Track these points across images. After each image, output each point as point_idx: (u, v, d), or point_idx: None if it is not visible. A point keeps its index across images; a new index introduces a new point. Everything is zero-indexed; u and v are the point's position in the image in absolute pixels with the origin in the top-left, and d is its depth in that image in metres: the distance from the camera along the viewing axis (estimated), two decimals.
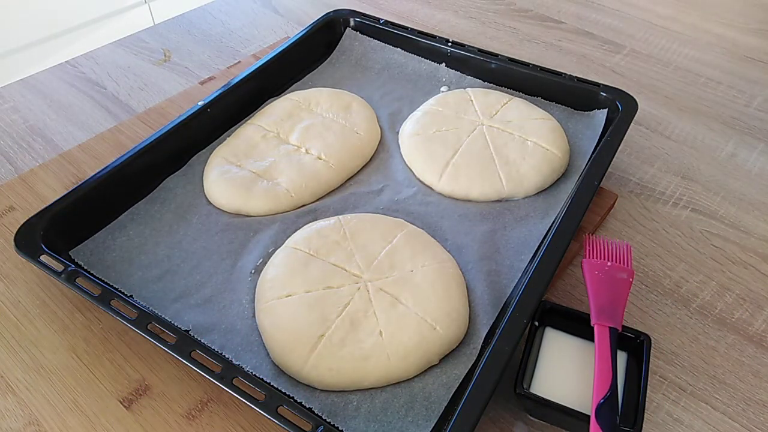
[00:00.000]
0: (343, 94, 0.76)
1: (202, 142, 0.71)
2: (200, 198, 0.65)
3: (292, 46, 0.80)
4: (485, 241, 0.59)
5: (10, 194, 0.68)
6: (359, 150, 0.69)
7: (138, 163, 0.64)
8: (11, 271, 0.61)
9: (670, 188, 0.70)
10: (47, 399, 0.51)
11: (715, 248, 0.64)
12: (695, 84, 0.85)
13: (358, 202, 0.65)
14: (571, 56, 0.91)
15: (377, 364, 0.49)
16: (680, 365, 0.54)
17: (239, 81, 0.74)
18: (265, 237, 0.61)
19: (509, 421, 0.50)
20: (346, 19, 0.84)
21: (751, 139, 0.76)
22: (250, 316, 0.55)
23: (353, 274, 0.55)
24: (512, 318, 0.48)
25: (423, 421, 0.47)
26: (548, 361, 0.51)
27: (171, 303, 0.55)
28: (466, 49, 0.77)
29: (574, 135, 0.70)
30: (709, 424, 0.50)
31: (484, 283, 0.56)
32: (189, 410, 0.50)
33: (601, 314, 0.50)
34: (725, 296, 0.59)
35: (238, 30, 0.98)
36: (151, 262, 0.59)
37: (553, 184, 0.66)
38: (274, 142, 0.69)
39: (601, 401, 0.45)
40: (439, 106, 0.73)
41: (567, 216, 0.56)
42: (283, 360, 0.50)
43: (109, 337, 0.55)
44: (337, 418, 0.47)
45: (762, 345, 0.55)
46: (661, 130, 0.78)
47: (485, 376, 0.45)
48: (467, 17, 1.00)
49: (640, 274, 0.61)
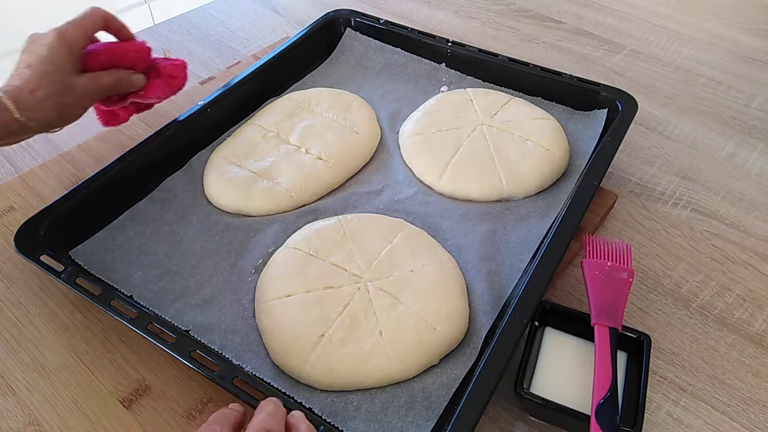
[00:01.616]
0: (343, 94, 0.76)
1: (202, 142, 0.71)
2: (200, 198, 0.65)
3: (292, 46, 0.80)
4: (485, 241, 0.59)
5: (10, 194, 0.68)
6: (359, 150, 0.69)
7: (138, 163, 0.64)
8: (11, 271, 0.61)
9: (670, 188, 0.70)
10: (47, 399, 0.51)
11: (715, 248, 0.64)
12: (695, 84, 0.85)
13: (358, 202, 0.65)
14: (571, 56, 0.91)
15: (377, 364, 0.49)
16: (680, 365, 0.54)
17: (239, 81, 0.74)
18: (265, 237, 0.61)
19: (509, 421, 0.50)
20: (346, 19, 0.84)
21: (751, 139, 0.76)
22: (250, 316, 0.55)
23: (353, 274, 0.55)
24: (512, 318, 0.48)
25: (423, 421, 0.47)
26: (548, 361, 0.51)
27: (171, 303, 0.55)
28: (466, 49, 0.77)
29: (574, 135, 0.70)
30: (709, 424, 0.50)
31: (484, 283, 0.56)
32: (189, 410, 0.50)
33: (601, 314, 0.50)
34: (725, 296, 0.59)
35: (238, 30, 0.98)
36: (151, 262, 0.59)
37: (553, 184, 0.66)
38: (274, 142, 0.69)
39: (601, 401, 0.45)
40: (439, 106, 0.73)
41: (567, 216, 0.56)
42: (283, 360, 0.50)
43: (109, 337, 0.55)
44: (337, 418, 0.47)
45: (762, 345, 0.55)
46: (661, 130, 0.78)
47: (485, 376, 0.45)
48: (467, 17, 1.00)
49: (640, 274, 0.61)
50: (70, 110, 0.61)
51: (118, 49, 0.64)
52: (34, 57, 0.58)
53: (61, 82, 0.59)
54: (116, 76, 0.63)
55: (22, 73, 0.58)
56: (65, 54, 0.59)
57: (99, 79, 0.62)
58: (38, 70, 0.58)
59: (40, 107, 0.58)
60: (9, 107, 0.57)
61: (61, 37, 0.59)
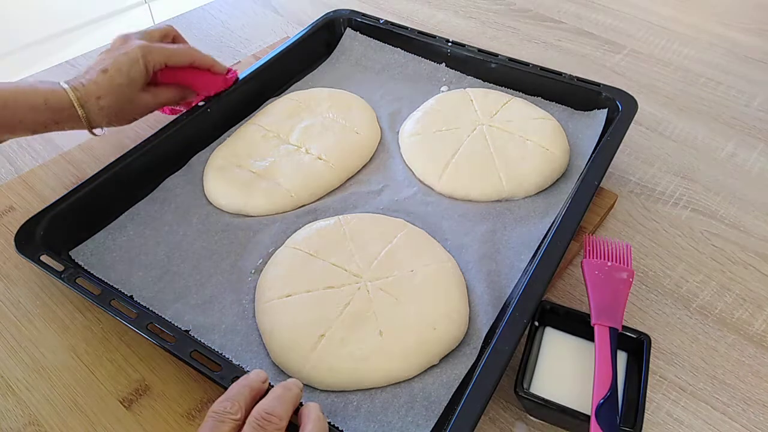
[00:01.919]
0: (343, 94, 0.76)
1: (202, 142, 0.71)
2: (200, 198, 0.65)
3: (292, 46, 0.80)
4: (485, 241, 0.59)
5: (10, 194, 0.68)
6: (359, 150, 0.69)
7: (138, 163, 0.64)
8: (11, 271, 0.61)
9: (670, 188, 0.70)
10: (47, 399, 0.51)
11: (715, 248, 0.64)
12: (695, 84, 0.85)
13: (358, 202, 0.65)
14: (571, 56, 0.91)
15: (377, 364, 0.49)
16: (680, 365, 0.54)
17: (239, 81, 0.74)
18: (265, 237, 0.61)
19: (509, 421, 0.50)
20: (346, 19, 0.84)
21: (751, 139, 0.76)
22: (250, 316, 0.55)
23: (353, 274, 0.55)
24: (512, 318, 0.48)
25: (423, 421, 0.47)
26: (548, 361, 0.51)
27: (171, 303, 0.55)
28: (466, 49, 0.77)
29: (574, 135, 0.70)
30: (709, 424, 0.50)
31: (484, 283, 0.56)
32: (189, 410, 0.50)
33: (601, 314, 0.50)
34: (725, 296, 0.59)
35: (238, 30, 0.98)
36: (151, 262, 0.59)
37: (553, 184, 0.66)
38: (275, 142, 0.69)
39: (601, 401, 0.45)
40: (439, 106, 0.73)
41: (567, 216, 0.56)
42: (283, 360, 0.50)
43: (109, 337, 0.55)
44: (337, 418, 0.47)
45: (762, 345, 0.55)
46: (661, 130, 0.78)
47: (485, 376, 0.45)
48: (467, 17, 1.00)
49: (640, 274, 0.61)
50: (123, 118, 0.64)
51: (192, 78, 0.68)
52: (113, 64, 0.60)
53: (127, 95, 0.62)
54: (177, 94, 0.67)
55: (97, 75, 0.60)
56: (143, 72, 0.62)
57: (160, 95, 0.65)
58: (112, 79, 0.60)
59: (99, 112, 0.61)
60: (74, 104, 0.59)
61: (145, 54, 0.62)
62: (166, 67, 0.65)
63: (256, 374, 0.43)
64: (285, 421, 0.39)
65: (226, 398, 0.40)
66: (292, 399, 0.41)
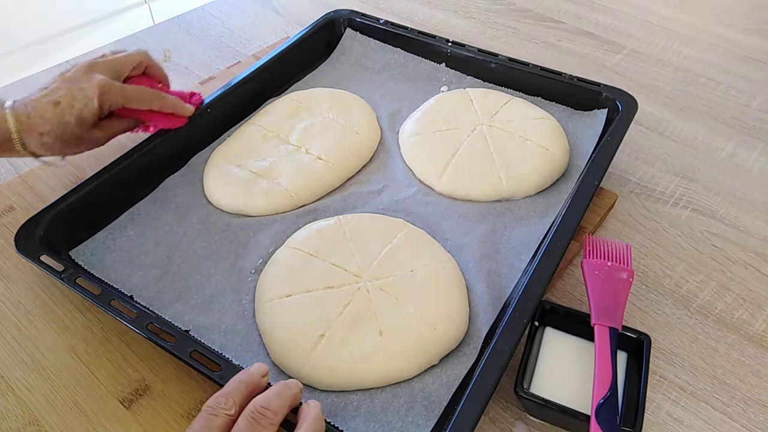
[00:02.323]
0: (343, 94, 0.76)
1: (202, 142, 0.71)
2: (200, 198, 0.65)
3: (292, 46, 0.80)
4: (485, 241, 0.59)
5: (10, 194, 0.68)
6: (359, 150, 0.69)
7: (138, 163, 0.64)
8: (11, 271, 0.61)
9: (670, 188, 0.70)
10: (47, 399, 0.51)
11: (715, 248, 0.64)
12: (695, 84, 0.85)
13: (358, 202, 0.65)
14: (571, 56, 0.91)
15: (377, 364, 0.49)
16: (680, 365, 0.54)
17: (239, 81, 0.74)
18: (265, 237, 0.61)
19: (509, 421, 0.50)
20: (346, 19, 0.84)
21: (751, 139, 0.76)
22: (250, 316, 0.55)
23: (353, 274, 0.55)
24: (512, 318, 0.48)
25: (423, 421, 0.47)
26: (548, 361, 0.51)
27: (171, 303, 0.55)
28: (466, 49, 0.77)
29: (574, 135, 0.70)
30: (709, 424, 0.50)
31: (484, 283, 0.56)
32: (189, 410, 0.50)
33: (601, 314, 0.50)
34: (725, 296, 0.59)
35: (238, 30, 0.98)
36: (151, 262, 0.59)
37: (553, 184, 0.66)
38: (274, 142, 0.69)
39: (601, 401, 0.45)
40: (439, 106, 0.73)
41: (567, 216, 0.56)
42: (283, 360, 0.50)
43: (109, 337, 0.55)
44: (337, 418, 0.47)
45: (762, 345, 0.55)
46: (661, 130, 0.78)
47: (485, 376, 0.45)
48: (467, 17, 1.00)
49: (640, 274, 0.61)
50: (68, 151, 0.61)
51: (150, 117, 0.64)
52: (66, 98, 0.56)
53: (75, 133, 0.58)
54: (130, 124, 0.64)
55: (46, 107, 0.56)
56: (95, 112, 0.58)
57: (112, 128, 0.62)
58: (61, 115, 0.56)
59: (41, 147, 0.58)
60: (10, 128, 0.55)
61: (102, 94, 0.58)
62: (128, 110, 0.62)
63: (256, 368, 0.43)
64: (279, 417, 0.39)
65: (222, 393, 0.40)
66: (289, 396, 0.41)
